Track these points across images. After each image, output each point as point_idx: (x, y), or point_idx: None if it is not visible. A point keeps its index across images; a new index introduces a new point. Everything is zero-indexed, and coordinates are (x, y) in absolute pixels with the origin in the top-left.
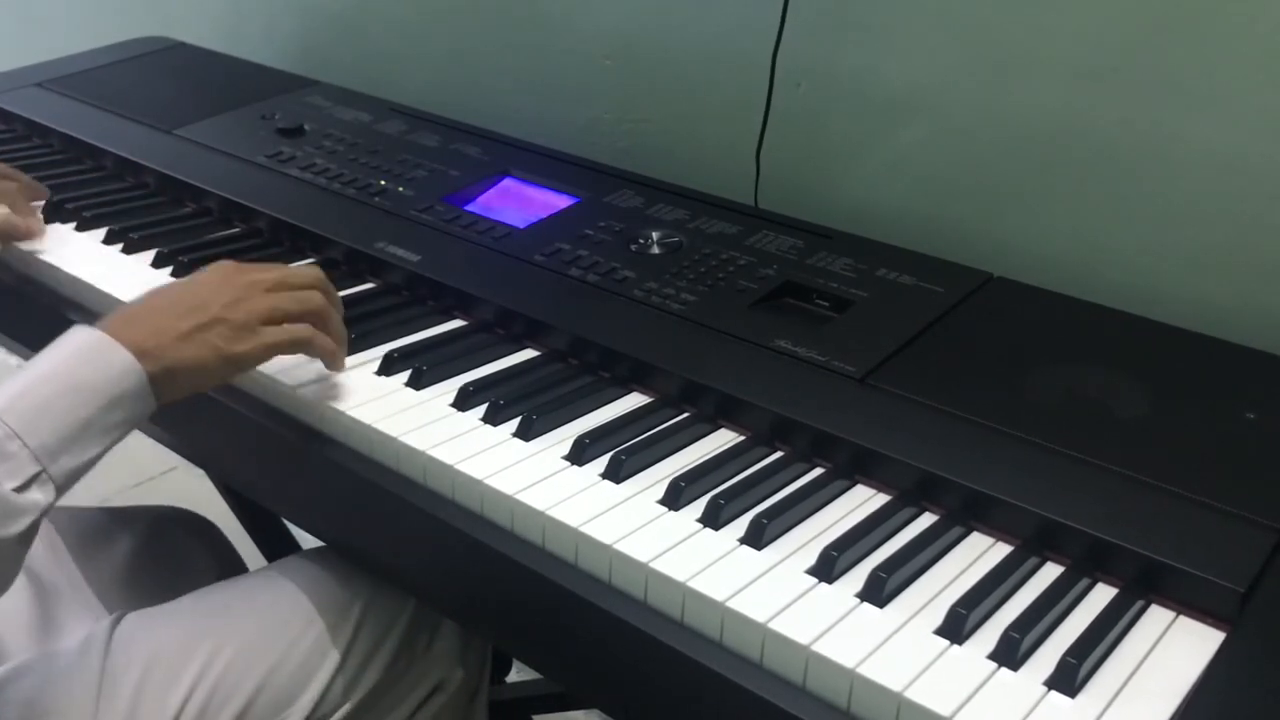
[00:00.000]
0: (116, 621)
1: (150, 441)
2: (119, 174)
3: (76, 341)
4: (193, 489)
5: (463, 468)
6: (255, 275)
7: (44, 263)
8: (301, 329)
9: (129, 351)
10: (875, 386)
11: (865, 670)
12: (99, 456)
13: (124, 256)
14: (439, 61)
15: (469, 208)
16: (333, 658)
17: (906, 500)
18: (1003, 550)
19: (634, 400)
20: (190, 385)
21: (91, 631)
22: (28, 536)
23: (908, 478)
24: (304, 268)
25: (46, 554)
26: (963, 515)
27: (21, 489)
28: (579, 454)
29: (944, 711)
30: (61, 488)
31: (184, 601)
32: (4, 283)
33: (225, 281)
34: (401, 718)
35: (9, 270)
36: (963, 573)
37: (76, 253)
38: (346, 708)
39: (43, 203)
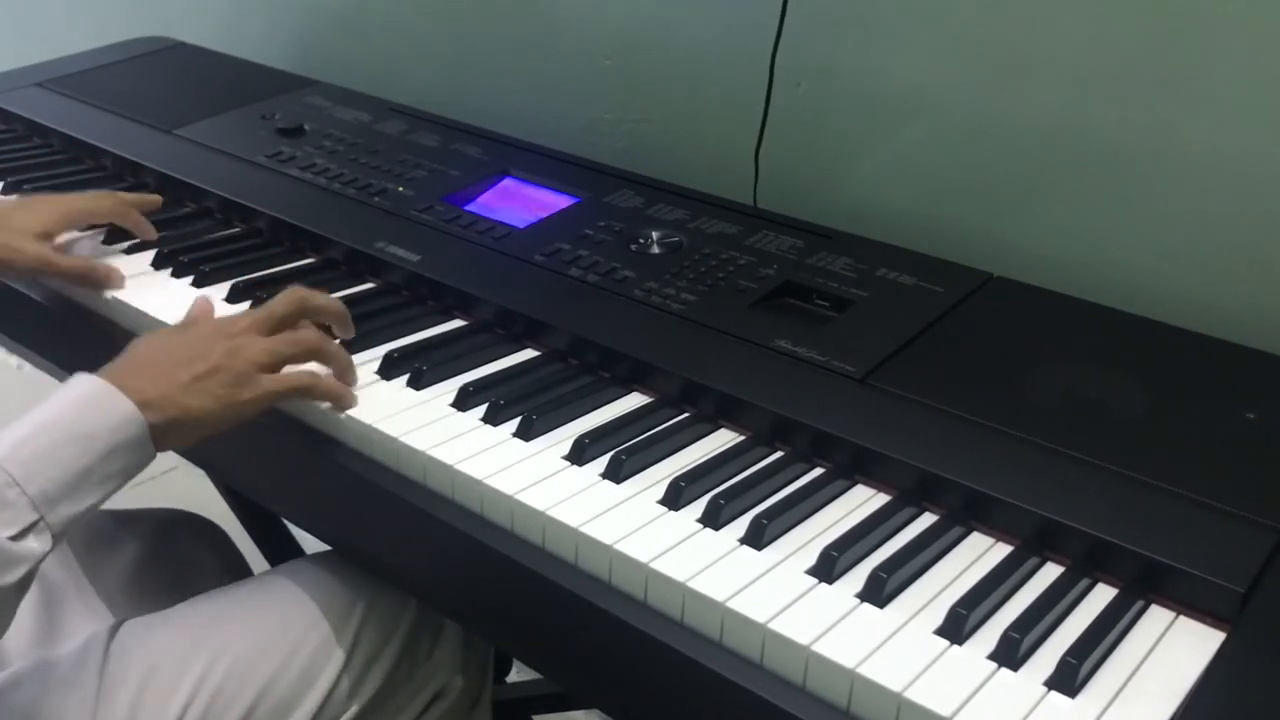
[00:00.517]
0: (115, 628)
1: None
2: (119, 174)
3: (79, 390)
4: (193, 489)
5: (463, 468)
6: (243, 321)
7: None
8: (302, 378)
9: (131, 401)
10: (875, 386)
11: (865, 670)
12: (96, 505)
13: (125, 257)
14: (439, 61)
15: (469, 208)
16: (335, 663)
17: (906, 500)
18: (1003, 550)
19: (634, 400)
20: (192, 435)
21: (90, 638)
22: (23, 585)
23: (908, 478)
24: (285, 294)
25: (53, 557)
26: (963, 515)
27: (18, 537)
28: (579, 454)
29: (944, 712)
30: (58, 536)
31: (183, 608)
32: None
33: (218, 332)
34: None
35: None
36: (963, 573)
37: (80, 250)
38: (348, 715)
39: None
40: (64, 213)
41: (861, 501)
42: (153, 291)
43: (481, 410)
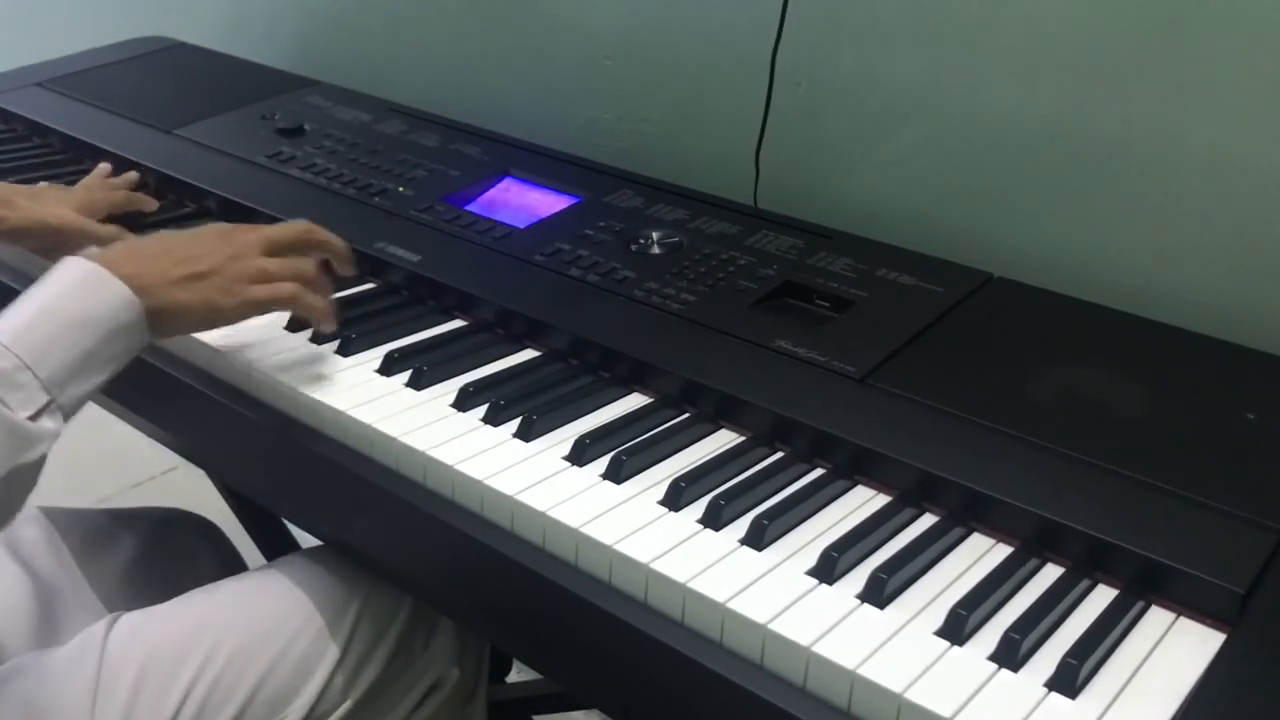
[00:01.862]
0: (113, 622)
1: (150, 441)
2: (119, 174)
3: (75, 274)
4: (193, 489)
5: (463, 468)
6: (250, 235)
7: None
8: (286, 287)
9: (126, 286)
10: (875, 386)
11: (866, 671)
12: (101, 385)
13: None
14: (439, 61)
15: (469, 208)
16: (331, 656)
17: (907, 501)
18: (1003, 551)
19: (634, 400)
20: (174, 329)
21: (87, 632)
22: (40, 465)
23: (908, 478)
24: (294, 223)
25: (49, 555)
26: (963, 516)
27: (34, 417)
28: (579, 454)
29: (944, 713)
30: (68, 415)
31: (180, 601)
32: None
33: (222, 238)
34: (399, 718)
35: (5, 267)
36: (963, 574)
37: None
38: (344, 707)
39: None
40: (86, 200)
41: (862, 502)
42: None
43: (482, 410)
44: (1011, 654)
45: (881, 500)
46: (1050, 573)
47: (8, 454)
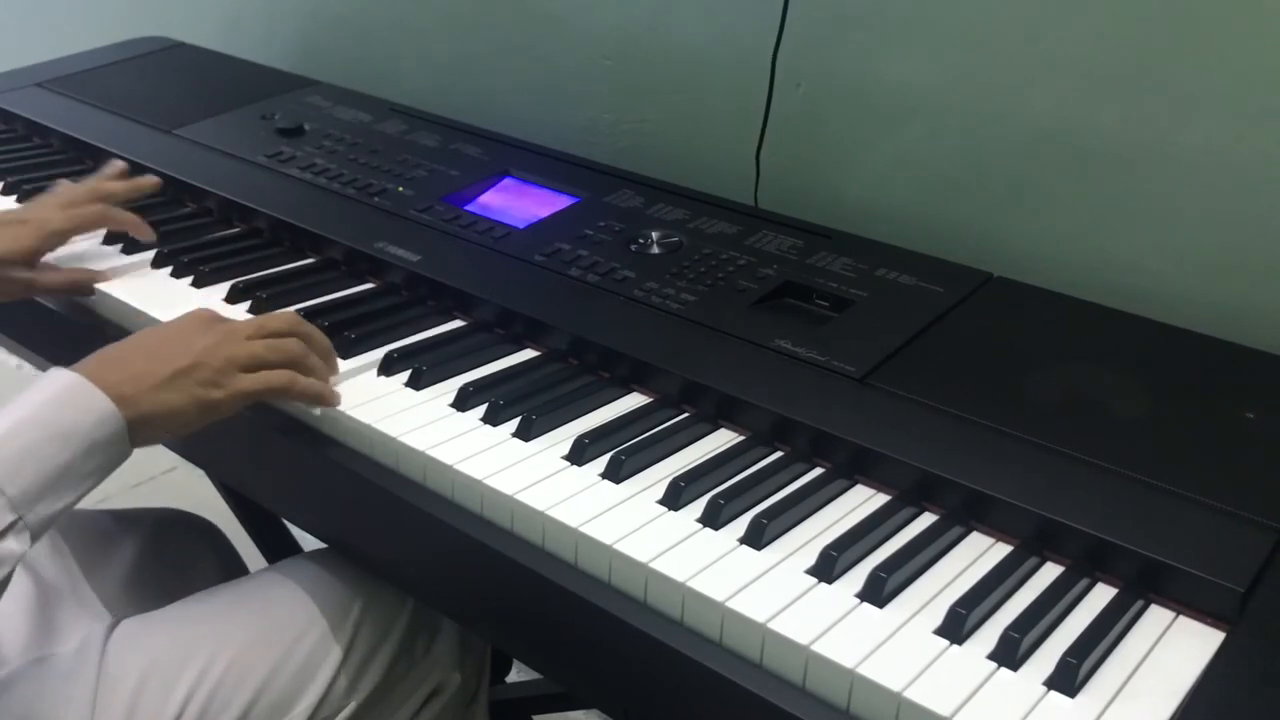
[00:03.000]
0: (112, 627)
1: None
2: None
3: (57, 385)
4: (193, 489)
5: (462, 468)
6: (233, 324)
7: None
8: (278, 375)
9: (108, 397)
10: (875, 386)
11: (865, 670)
12: (72, 504)
13: (125, 257)
14: (439, 61)
15: (469, 208)
16: (333, 659)
17: (906, 500)
18: (1002, 550)
19: (634, 400)
20: (165, 431)
21: (87, 636)
22: (3, 585)
23: (907, 478)
24: (280, 312)
25: (50, 556)
26: (962, 515)
27: None
28: (579, 454)
29: (944, 711)
30: (35, 535)
31: (181, 606)
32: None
33: (204, 328)
34: None
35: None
36: (962, 573)
37: (78, 253)
38: (347, 710)
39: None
40: (41, 237)
41: (861, 501)
42: (152, 291)
43: (481, 410)
44: (1011, 653)
45: (881, 499)
46: (1049, 572)
47: None
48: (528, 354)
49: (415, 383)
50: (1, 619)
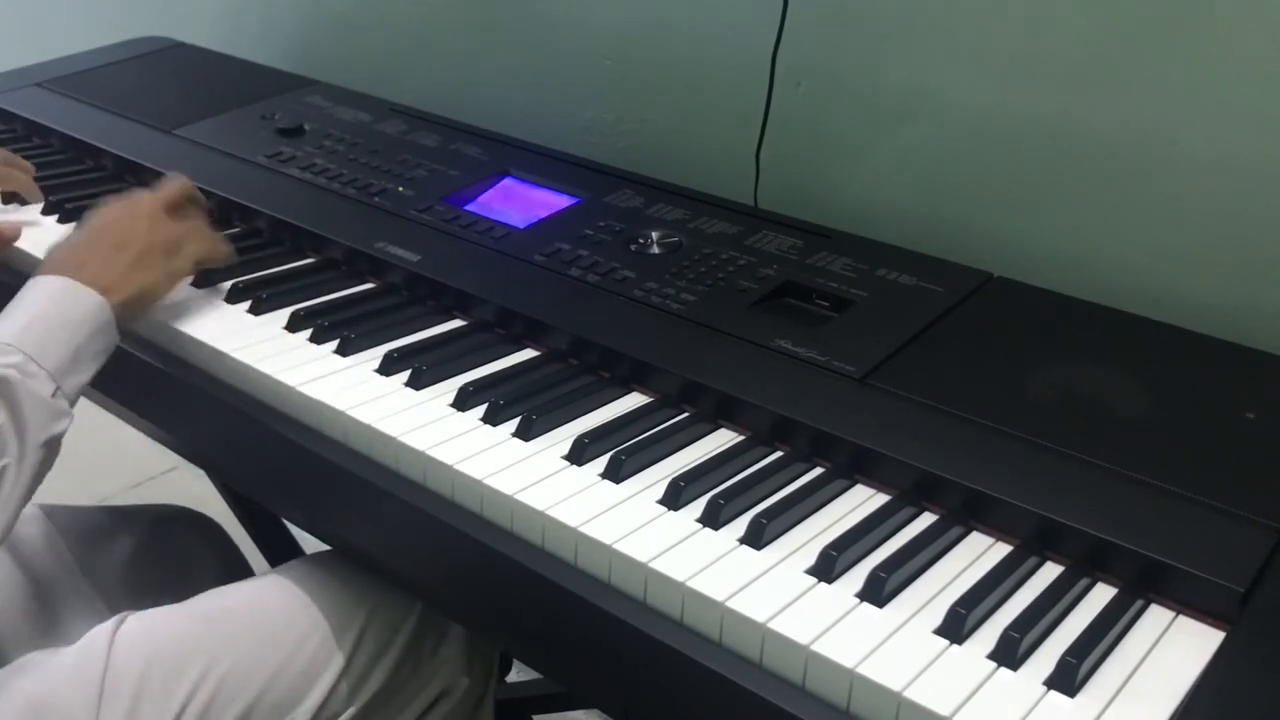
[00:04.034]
0: (120, 622)
1: (150, 441)
2: (119, 174)
3: (50, 288)
4: (193, 489)
5: (462, 468)
6: (149, 201)
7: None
8: (213, 247)
9: (95, 290)
10: (875, 386)
11: (865, 670)
12: (91, 379)
13: None
14: (439, 61)
15: (469, 208)
16: (337, 662)
17: (906, 500)
18: (1002, 550)
19: (634, 400)
20: (144, 307)
21: (94, 631)
22: (61, 442)
23: (907, 478)
24: (175, 180)
25: (48, 552)
26: (962, 515)
27: (52, 398)
28: (579, 454)
29: (943, 711)
30: (72, 403)
31: (188, 604)
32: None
33: (137, 213)
34: None
35: (7, 269)
36: (962, 572)
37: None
38: (350, 712)
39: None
40: None
41: (861, 501)
42: None
43: (481, 410)
44: (1010, 652)
45: (881, 499)
46: (1049, 571)
47: (45, 423)
48: (528, 354)
49: (415, 382)
50: (0, 612)
